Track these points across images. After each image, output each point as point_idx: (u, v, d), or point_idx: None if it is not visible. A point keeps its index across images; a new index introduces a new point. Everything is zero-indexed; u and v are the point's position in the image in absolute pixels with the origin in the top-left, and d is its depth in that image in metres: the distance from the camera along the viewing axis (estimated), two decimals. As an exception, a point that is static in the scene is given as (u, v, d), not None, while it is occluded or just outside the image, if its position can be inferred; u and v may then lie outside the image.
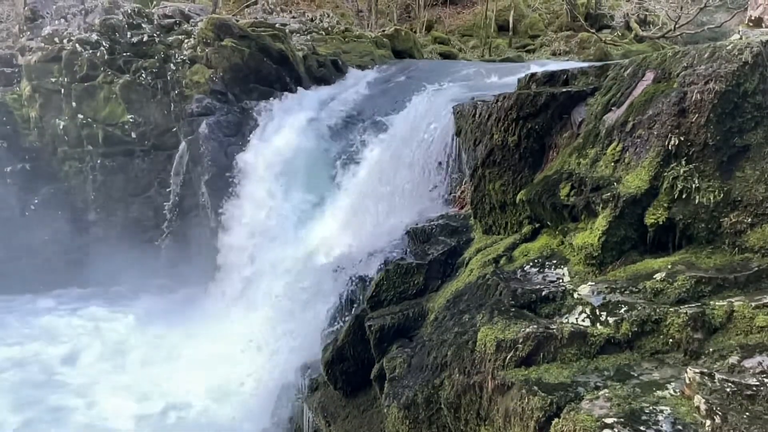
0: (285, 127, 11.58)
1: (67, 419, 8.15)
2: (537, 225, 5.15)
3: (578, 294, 3.93)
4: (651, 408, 2.95)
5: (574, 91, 5.19)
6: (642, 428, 2.81)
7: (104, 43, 12.88)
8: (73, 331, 10.64)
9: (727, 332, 3.30)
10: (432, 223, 6.41)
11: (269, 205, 10.94)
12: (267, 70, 12.81)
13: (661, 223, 4.02)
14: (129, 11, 13.48)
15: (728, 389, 2.87)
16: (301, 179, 11.00)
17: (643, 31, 22.72)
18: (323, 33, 16.24)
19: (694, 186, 3.92)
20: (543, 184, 4.88)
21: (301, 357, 7.17)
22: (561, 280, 4.32)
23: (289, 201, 10.86)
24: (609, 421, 2.89)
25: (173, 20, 13.93)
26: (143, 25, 13.45)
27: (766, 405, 2.75)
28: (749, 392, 2.82)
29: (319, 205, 10.36)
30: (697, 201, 3.91)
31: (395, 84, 13.29)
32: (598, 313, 3.69)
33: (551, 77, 5.79)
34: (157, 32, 13.35)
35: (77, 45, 12.80)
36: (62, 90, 12.80)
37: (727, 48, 3.97)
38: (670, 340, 3.39)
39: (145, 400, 8.50)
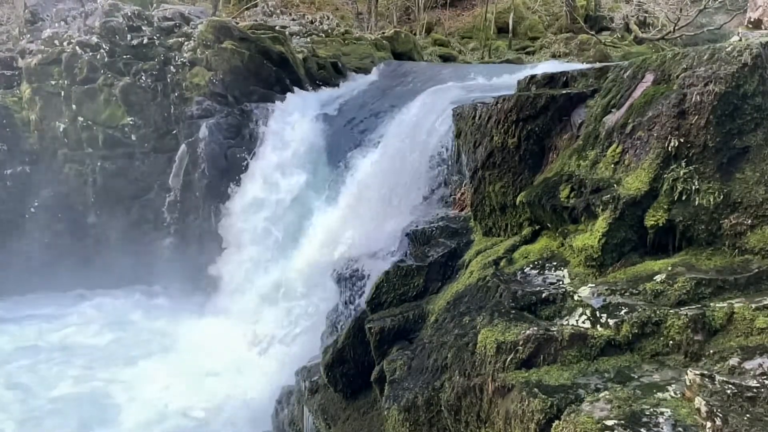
0: (284, 128, 11.59)
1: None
2: (537, 227, 5.15)
3: (578, 296, 3.93)
4: (651, 410, 2.95)
5: (574, 93, 5.20)
6: (642, 430, 2.81)
7: (104, 46, 12.89)
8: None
9: (727, 334, 3.30)
10: (432, 225, 6.40)
11: (268, 207, 10.94)
12: (267, 72, 12.83)
13: (661, 224, 4.02)
14: (129, 14, 13.47)
15: (729, 391, 2.86)
16: (301, 179, 10.99)
17: (642, 32, 22.72)
18: (323, 35, 16.26)
19: (694, 188, 3.92)
20: (543, 186, 4.88)
21: (302, 359, 7.16)
22: (561, 282, 4.32)
23: (288, 201, 10.86)
24: (609, 423, 2.89)
25: (173, 23, 13.94)
26: (143, 28, 13.46)
27: (767, 407, 2.75)
28: (750, 394, 2.82)
29: (318, 205, 10.36)
30: (697, 203, 3.91)
31: (395, 85, 13.29)
32: (598, 314, 3.69)
33: (551, 79, 5.79)
34: (157, 35, 13.35)
35: (77, 47, 12.81)
36: (62, 92, 12.79)
37: (727, 50, 3.97)
38: (671, 341, 3.39)
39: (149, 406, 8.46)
